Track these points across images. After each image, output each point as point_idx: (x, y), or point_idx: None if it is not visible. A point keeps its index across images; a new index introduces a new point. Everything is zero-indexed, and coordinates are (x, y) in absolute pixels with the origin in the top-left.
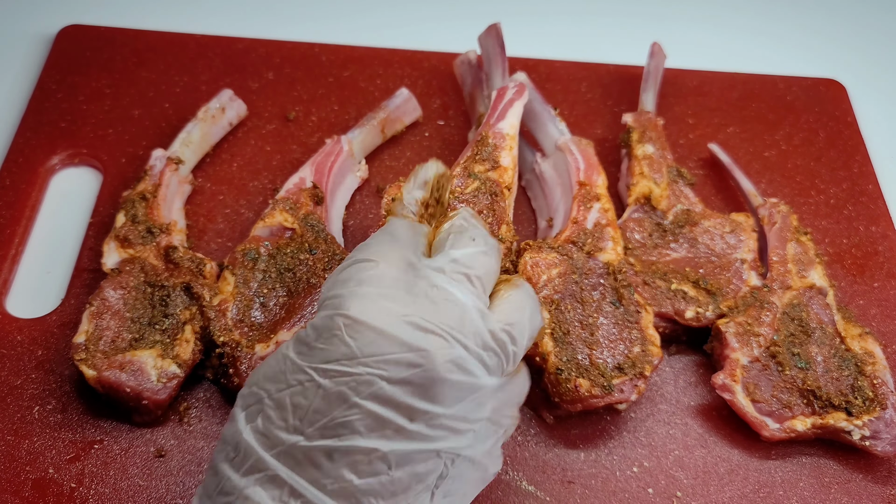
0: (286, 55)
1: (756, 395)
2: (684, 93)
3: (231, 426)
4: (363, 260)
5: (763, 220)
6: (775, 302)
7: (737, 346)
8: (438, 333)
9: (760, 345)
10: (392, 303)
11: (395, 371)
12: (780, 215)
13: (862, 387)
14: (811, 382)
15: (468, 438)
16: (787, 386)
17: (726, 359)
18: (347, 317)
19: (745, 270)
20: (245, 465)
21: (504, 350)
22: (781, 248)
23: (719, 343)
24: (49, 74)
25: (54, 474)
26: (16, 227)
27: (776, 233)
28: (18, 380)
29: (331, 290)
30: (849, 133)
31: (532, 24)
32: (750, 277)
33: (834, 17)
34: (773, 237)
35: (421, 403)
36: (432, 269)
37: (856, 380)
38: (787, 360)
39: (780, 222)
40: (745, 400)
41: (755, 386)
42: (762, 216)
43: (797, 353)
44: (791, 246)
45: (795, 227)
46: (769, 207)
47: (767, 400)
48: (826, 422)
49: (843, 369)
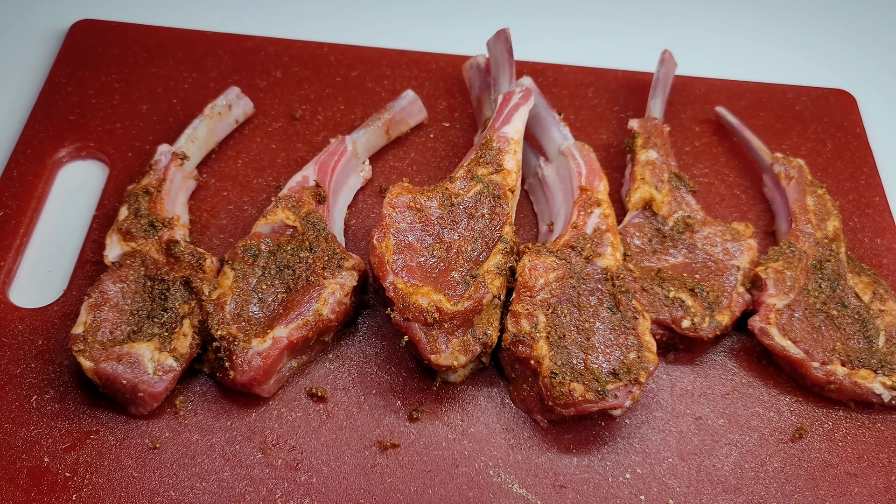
0: (295, 54)
1: (792, 336)
2: (692, 100)
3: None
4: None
5: (779, 175)
6: (805, 251)
7: (774, 292)
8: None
9: (794, 290)
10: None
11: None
12: (795, 170)
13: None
14: (838, 336)
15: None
16: (817, 334)
17: (762, 304)
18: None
19: (738, 278)
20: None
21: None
22: (802, 199)
23: (757, 290)
24: (60, 68)
25: (49, 463)
26: (21, 218)
27: (794, 186)
28: (18, 368)
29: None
30: (857, 144)
31: (542, 28)
32: (738, 286)
33: (847, 29)
34: (793, 190)
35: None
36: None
37: (875, 340)
38: (818, 307)
39: (796, 176)
40: (785, 340)
41: (791, 328)
42: (777, 172)
43: (825, 302)
44: (810, 198)
45: (811, 181)
46: (783, 163)
47: (805, 339)
48: (856, 377)
49: (862, 327)
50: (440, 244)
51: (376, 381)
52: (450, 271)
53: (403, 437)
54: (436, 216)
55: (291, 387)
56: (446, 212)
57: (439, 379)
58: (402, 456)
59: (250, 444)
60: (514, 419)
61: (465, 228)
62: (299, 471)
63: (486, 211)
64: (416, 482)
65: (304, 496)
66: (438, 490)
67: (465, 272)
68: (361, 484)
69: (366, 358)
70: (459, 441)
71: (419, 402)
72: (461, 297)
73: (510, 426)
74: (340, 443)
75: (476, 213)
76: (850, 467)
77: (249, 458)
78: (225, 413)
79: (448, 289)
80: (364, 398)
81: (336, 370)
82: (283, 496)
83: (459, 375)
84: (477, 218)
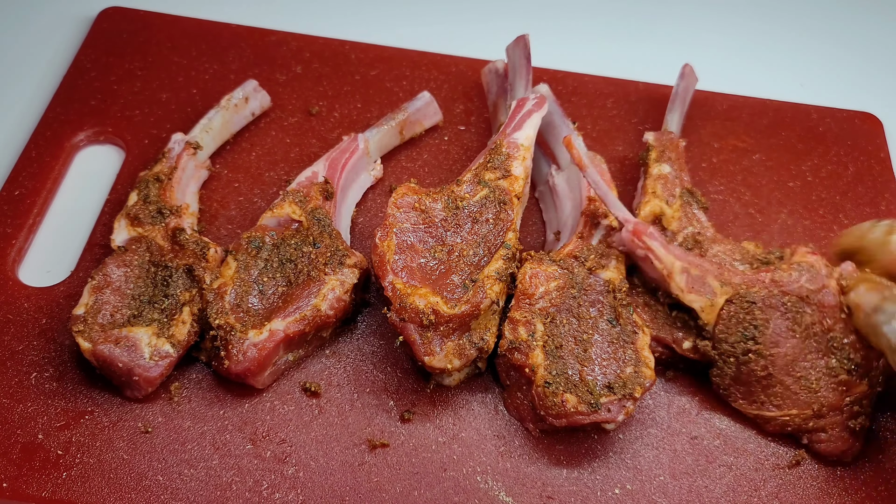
0: (316, 50)
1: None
2: (712, 116)
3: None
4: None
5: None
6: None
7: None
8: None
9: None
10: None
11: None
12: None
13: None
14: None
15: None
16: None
17: None
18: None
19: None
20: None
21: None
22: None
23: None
24: (85, 53)
25: (43, 440)
26: (36, 198)
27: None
28: (21, 345)
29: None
30: (880, 169)
31: (565, 36)
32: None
33: (876, 52)
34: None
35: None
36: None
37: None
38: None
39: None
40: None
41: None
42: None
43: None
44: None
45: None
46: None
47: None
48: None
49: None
50: (442, 246)
51: (371, 380)
52: (450, 274)
53: (393, 438)
54: (440, 218)
55: (286, 380)
56: (451, 214)
57: (434, 382)
58: (391, 456)
59: (241, 435)
60: (506, 427)
61: (469, 232)
62: (287, 464)
63: (491, 216)
64: (402, 483)
65: (290, 489)
66: (424, 493)
67: (465, 276)
68: (348, 481)
69: (362, 356)
70: (449, 445)
71: (412, 404)
72: (459, 300)
73: (502, 433)
74: (330, 439)
75: (480, 217)
76: (846, 499)
77: (239, 448)
78: (218, 402)
79: (447, 291)
80: (357, 396)
81: (332, 366)
82: (269, 488)
83: (454, 379)
84: (481, 222)
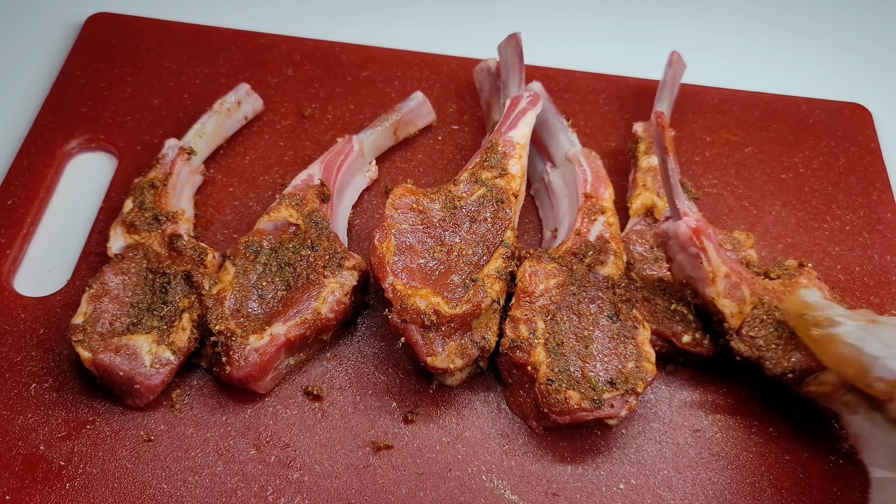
0: (307, 53)
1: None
2: (704, 109)
3: None
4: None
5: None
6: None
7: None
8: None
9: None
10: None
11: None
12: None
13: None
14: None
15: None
16: None
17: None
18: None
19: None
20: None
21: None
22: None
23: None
24: (74, 60)
25: (45, 451)
26: (29, 208)
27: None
28: (19, 356)
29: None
30: (870, 160)
31: (555, 33)
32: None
33: (865, 43)
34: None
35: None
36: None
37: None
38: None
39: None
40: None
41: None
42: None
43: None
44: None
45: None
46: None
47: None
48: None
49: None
50: (441, 247)
51: (373, 382)
52: (450, 274)
53: (397, 439)
54: (438, 218)
55: (288, 384)
56: (449, 214)
57: (436, 382)
58: (396, 457)
59: (244, 440)
60: (509, 425)
61: (467, 232)
62: (292, 468)
63: (489, 215)
64: (408, 484)
65: (296, 494)
66: (430, 493)
67: (465, 276)
68: (353, 484)
69: (363, 358)
70: (453, 445)
71: (415, 405)
72: (460, 300)
73: (505, 432)
74: (334, 442)
75: (478, 216)
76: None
77: (243, 453)
78: (220, 408)
79: (447, 291)
80: (360, 398)
81: (333, 369)
82: (275, 493)
83: (456, 379)
84: (479, 221)
